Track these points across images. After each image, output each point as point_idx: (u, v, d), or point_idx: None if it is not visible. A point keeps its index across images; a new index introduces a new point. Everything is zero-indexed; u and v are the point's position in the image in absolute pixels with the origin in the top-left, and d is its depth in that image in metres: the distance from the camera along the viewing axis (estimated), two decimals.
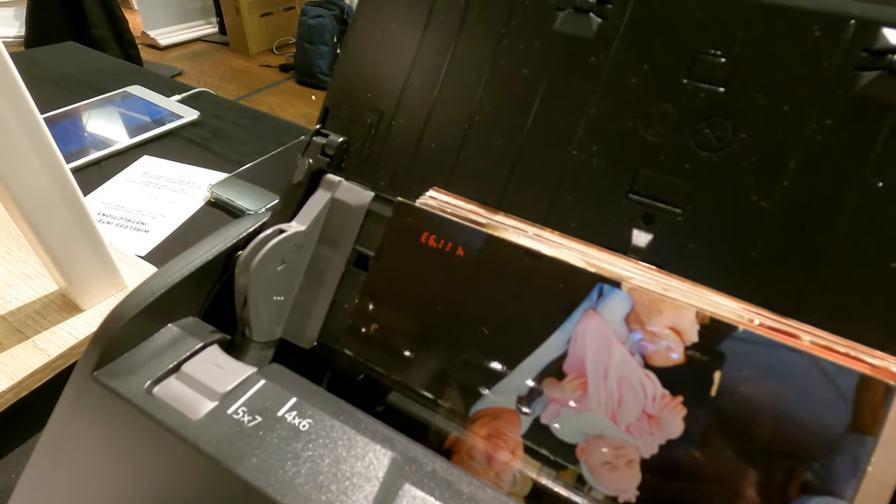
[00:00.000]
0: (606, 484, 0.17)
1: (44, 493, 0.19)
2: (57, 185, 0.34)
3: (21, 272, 0.41)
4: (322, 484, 0.16)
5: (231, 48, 3.46)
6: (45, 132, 0.32)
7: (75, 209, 0.35)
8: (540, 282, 0.19)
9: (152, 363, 0.19)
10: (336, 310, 0.23)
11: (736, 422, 0.16)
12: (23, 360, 0.34)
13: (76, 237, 0.36)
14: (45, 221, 0.34)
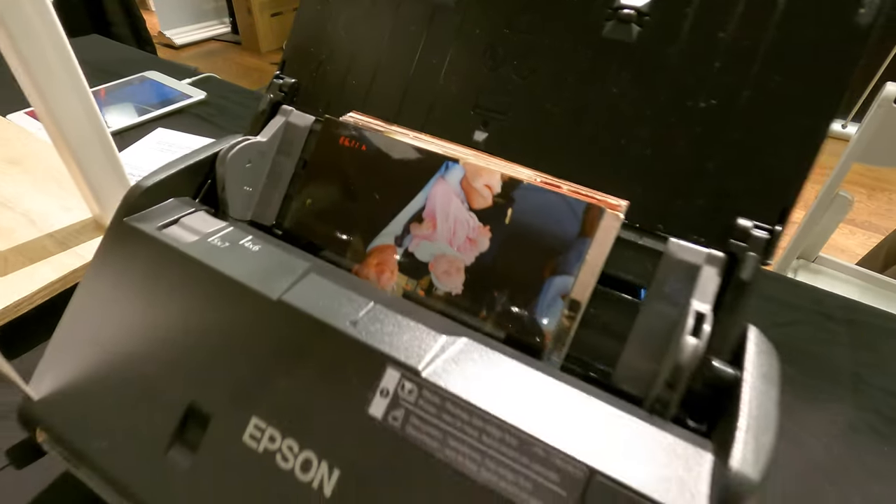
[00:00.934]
0: (445, 284, 0.27)
1: (83, 318, 0.29)
2: (97, 134, 0.45)
3: (62, 205, 0.52)
4: (261, 273, 0.26)
5: (243, 47, 3.59)
6: (87, 88, 0.43)
7: (108, 152, 0.46)
8: (411, 163, 0.29)
9: (160, 217, 0.29)
10: (287, 199, 0.33)
11: (517, 237, 0.26)
12: (66, 263, 0.45)
13: (108, 172, 0.47)
14: (87, 160, 0.45)
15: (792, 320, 0.54)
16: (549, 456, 0.20)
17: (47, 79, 0.40)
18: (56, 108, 0.41)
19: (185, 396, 0.25)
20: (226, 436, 0.24)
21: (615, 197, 0.26)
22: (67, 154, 0.44)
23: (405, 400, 0.22)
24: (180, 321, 0.26)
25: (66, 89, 0.42)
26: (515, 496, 0.19)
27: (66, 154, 0.44)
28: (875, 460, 0.41)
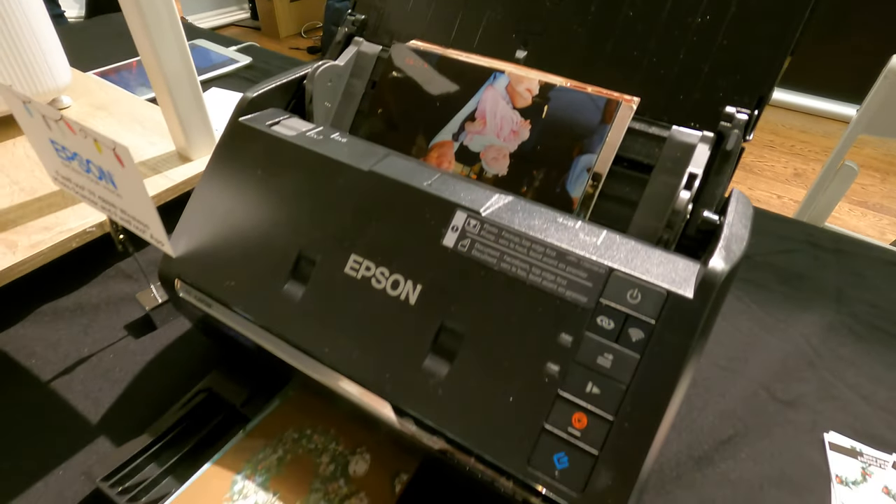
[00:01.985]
0: (493, 169, 0.35)
1: (208, 194, 0.37)
2: (189, 79, 0.53)
3: (147, 141, 0.60)
4: (351, 155, 0.33)
5: (262, 32, 3.66)
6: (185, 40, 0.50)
7: (196, 94, 0.54)
8: (465, 76, 0.36)
9: (265, 120, 0.37)
10: (359, 113, 0.41)
11: (552, 127, 0.33)
12: (160, 184, 0.53)
13: (195, 111, 0.55)
14: (179, 99, 0.53)
15: (786, 249, 0.60)
16: (579, 262, 0.27)
17: (158, 31, 0.48)
18: (162, 55, 0.49)
19: (296, 245, 0.33)
20: (330, 270, 0.32)
21: (630, 96, 0.33)
22: (165, 93, 0.52)
23: (470, 233, 0.29)
24: (289, 192, 0.34)
25: (170, 41, 0.49)
26: (554, 290, 0.27)
27: (163, 93, 0.52)
28: (849, 352, 0.48)
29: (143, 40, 0.49)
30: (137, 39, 0.49)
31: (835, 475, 0.39)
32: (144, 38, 0.48)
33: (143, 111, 0.65)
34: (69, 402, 0.40)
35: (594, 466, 0.25)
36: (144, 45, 0.49)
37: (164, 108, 0.54)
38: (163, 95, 0.52)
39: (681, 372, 0.25)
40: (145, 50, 0.49)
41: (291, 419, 0.37)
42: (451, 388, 0.28)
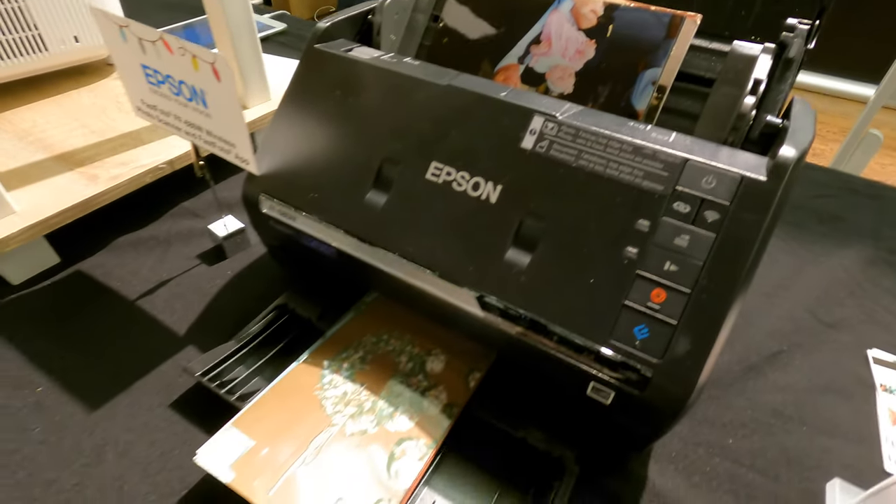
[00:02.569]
0: (559, 87, 0.37)
1: (288, 116, 0.39)
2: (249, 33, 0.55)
3: None
4: (427, 74, 0.35)
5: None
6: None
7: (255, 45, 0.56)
8: (530, 1, 0.38)
9: (338, 47, 0.39)
10: (421, 46, 0.43)
11: (616, 44, 0.35)
12: None
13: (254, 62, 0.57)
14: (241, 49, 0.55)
15: (825, 194, 0.62)
16: (655, 154, 0.29)
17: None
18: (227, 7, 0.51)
19: (378, 156, 0.35)
20: (412, 177, 0.34)
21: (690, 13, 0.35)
22: (228, 44, 0.54)
23: (548, 135, 0.31)
24: (369, 108, 0.36)
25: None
26: (631, 181, 0.29)
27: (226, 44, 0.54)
28: (888, 283, 0.50)
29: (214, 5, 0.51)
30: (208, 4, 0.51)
31: (879, 384, 0.41)
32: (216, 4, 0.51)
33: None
34: (156, 318, 0.43)
35: (673, 335, 0.27)
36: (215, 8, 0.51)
37: (223, 53, 0.56)
38: (225, 46, 0.54)
39: (754, 247, 0.27)
40: (215, 11, 0.51)
41: (367, 327, 0.39)
42: (533, 275, 0.30)
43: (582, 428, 0.34)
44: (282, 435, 0.32)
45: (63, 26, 0.57)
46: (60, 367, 0.39)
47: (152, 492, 0.32)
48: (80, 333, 0.42)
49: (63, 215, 0.44)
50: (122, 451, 0.34)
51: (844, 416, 0.39)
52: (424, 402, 0.34)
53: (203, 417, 0.36)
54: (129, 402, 0.37)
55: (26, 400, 0.37)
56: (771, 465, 0.35)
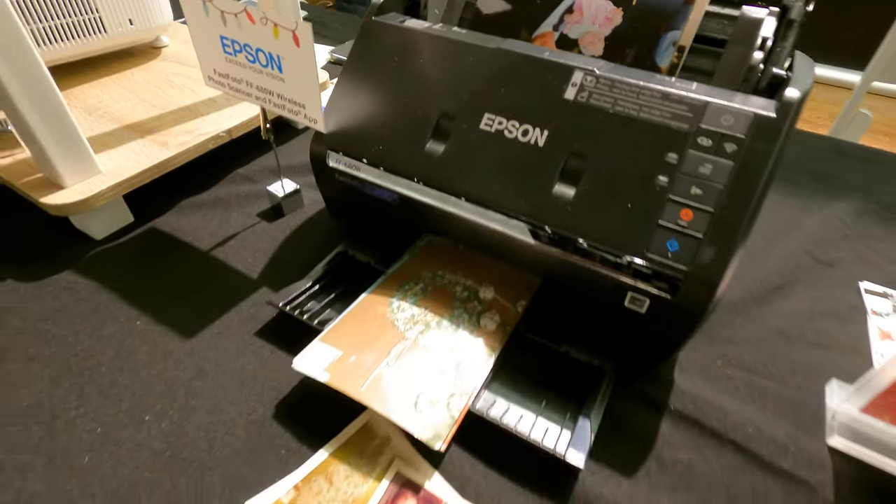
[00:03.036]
0: (590, 51, 0.42)
1: (352, 80, 0.44)
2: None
3: None
4: (476, 39, 0.40)
5: None
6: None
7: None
8: None
9: (394, 19, 0.44)
10: (461, 20, 0.48)
11: (641, 11, 0.41)
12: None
13: None
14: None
15: (819, 157, 0.68)
16: (681, 99, 0.34)
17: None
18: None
19: (436, 111, 0.40)
20: (467, 128, 0.39)
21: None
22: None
23: (587, 86, 0.37)
24: (425, 70, 0.41)
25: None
26: (661, 122, 0.34)
27: None
28: (877, 230, 0.56)
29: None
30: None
31: (870, 309, 0.46)
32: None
33: None
34: (229, 265, 0.48)
35: (699, 246, 0.33)
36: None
37: None
38: None
39: (766, 171, 0.32)
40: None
41: (422, 266, 0.45)
42: (577, 205, 0.36)
43: (617, 341, 0.40)
44: (364, 346, 0.37)
45: (120, 10, 0.61)
46: (153, 304, 0.44)
47: (251, 398, 0.37)
48: (164, 277, 0.47)
49: (141, 176, 0.49)
50: (220, 369, 0.39)
51: (840, 334, 0.44)
52: (482, 321, 0.40)
53: (286, 342, 0.41)
54: (218, 331, 0.42)
55: (130, 331, 0.42)
56: (779, 373, 0.41)
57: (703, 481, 0.34)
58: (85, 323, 0.42)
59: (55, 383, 0.38)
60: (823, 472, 0.35)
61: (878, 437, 0.36)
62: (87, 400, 0.37)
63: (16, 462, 0.33)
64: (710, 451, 0.36)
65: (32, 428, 0.35)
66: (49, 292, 0.45)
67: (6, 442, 0.34)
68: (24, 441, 0.35)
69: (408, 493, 0.33)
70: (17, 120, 0.43)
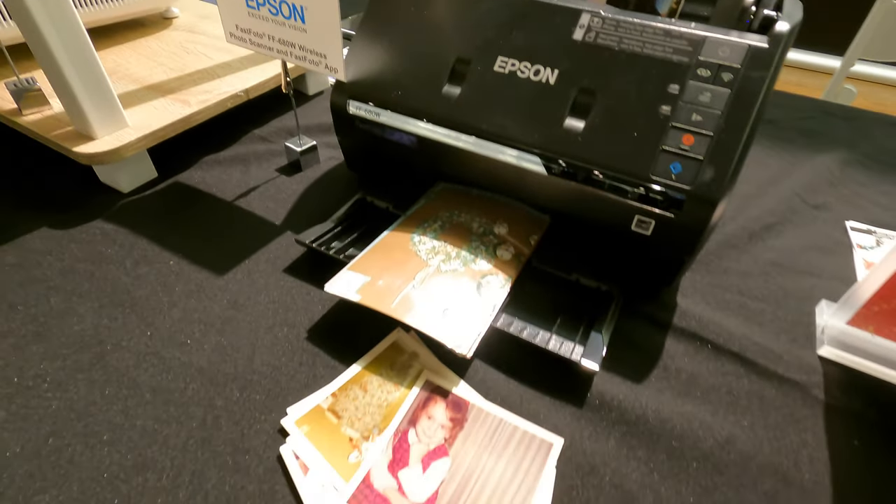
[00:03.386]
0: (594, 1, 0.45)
1: (369, 30, 0.47)
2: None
3: None
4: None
5: None
6: None
7: None
8: None
9: None
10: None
11: None
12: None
13: None
14: None
15: (804, 117, 0.71)
16: (681, 35, 0.37)
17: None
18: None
19: (451, 55, 0.43)
20: (482, 70, 0.42)
21: None
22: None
23: (594, 27, 0.39)
24: (440, 18, 0.44)
25: None
26: (664, 56, 0.37)
27: None
28: (861, 177, 0.59)
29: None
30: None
31: (856, 244, 0.50)
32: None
33: None
34: (254, 212, 0.51)
35: (700, 167, 0.36)
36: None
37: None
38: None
39: (760, 97, 0.35)
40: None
41: (439, 208, 0.47)
42: (588, 136, 0.39)
43: (625, 267, 0.43)
44: (391, 272, 0.40)
45: None
46: (184, 247, 0.46)
47: (285, 324, 0.40)
48: (192, 224, 0.49)
49: (166, 130, 0.51)
50: (253, 301, 0.42)
51: (828, 265, 0.48)
52: (498, 251, 0.43)
53: (313, 277, 0.44)
54: (248, 269, 0.45)
55: (164, 270, 0.44)
56: (773, 297, 0.44)
57: (704, 385, 0.37)
58: (121, 264, 0.45)
59: (99, 314, 0.40)
60: (815, 375, 0.38)
61: (861, 346, 0.39)
62: (130, 328, 0.39)
63: (72, 378, 0.36)
64: (711, 362, 0.39)
65: (83, 352, 0.38)
66: (84, 238, 0.47)
67: (61, 364, 0.37)
68: (78, 363, 0.37)
69: (437, 398, 0.35)
70: (55, 74, 0.45)
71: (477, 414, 0.34)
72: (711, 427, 0.34)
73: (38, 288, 0.42)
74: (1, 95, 0.53)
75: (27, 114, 0.51)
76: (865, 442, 0.34)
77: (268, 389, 0.36)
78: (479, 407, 0.35)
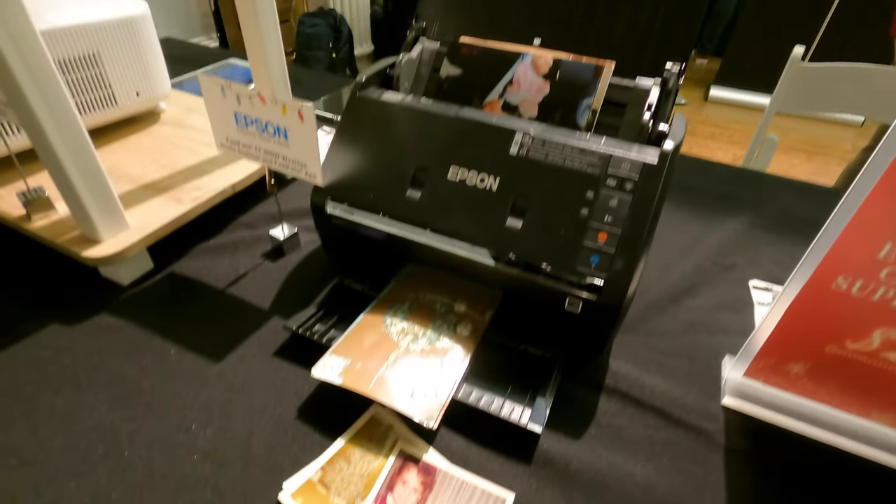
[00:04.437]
0: (528, 114, 0.55)
1: (342, 143, 0.55)
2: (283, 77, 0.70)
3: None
4: (439, 108, 0.52)
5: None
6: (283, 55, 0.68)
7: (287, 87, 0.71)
8: (504, 58, 0.56)
9: (373, 91, 0.56)
10: (427, 90, 0.60)
11: (563, 84, 0.54)
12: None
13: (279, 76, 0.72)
14: (277, 90, 0.70)
15: (721, 182, 0.83)
16: (593, 152, 0.47)
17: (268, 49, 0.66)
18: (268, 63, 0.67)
19: (413, 165, 0.51)
20: (438, 177, 0.50)
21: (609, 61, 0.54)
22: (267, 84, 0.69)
23: (525, 144, 0.49)
24: (402, 134, 0.53)
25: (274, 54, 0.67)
26: (581, 169, 0.47)
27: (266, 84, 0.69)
28: (766, 238, 0.70)
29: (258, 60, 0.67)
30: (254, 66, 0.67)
31: (756, 301, 0.60)
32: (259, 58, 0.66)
33: None
34: (243, 300, 0.57)
35: (613, 259, 0.45)
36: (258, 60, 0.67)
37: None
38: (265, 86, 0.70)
39: (654, 202, 0.45)
40: (258, 62, 0.67)
41: (407, 290, 0.55)
42: (525, 234, 0.47)
43: (564, 337, 0.51)
44: (367, 355, 0.47)
45: (129, 84, 0.71)
46: (182, 337, 0.52)
47: (278, 405, 0.46)
48: (188, 313, 0.55)
49: (164, 229, 0.58)
50: (248, 385, 0.48)
51: (734, 322, 0.57)
52: (458, 328, 0.50)
53: (300, 359, 0.50)
54: (242, 354, 0.51)
55: (166, 360, 0.50)
56: (687, 353, 0.53)
57: (630, 437, 0.45)
58: (126, 356, 0.50)
59: (109, 406, 0.46)
60: (718, 423, 0.46)
61: (754, 395, 0.48)
62: (139, 417, 0.45)
63: (88, 468, 0.41)
64: (637, 416, 0.47)
65: (97, 443, 0.43)
66: (90, 332, 0.52)
67: (77, 455, 0.42)
68: (92, 453, 0.42)
69: (410, 465, 0.42)
70: (64, 182, 0.52)
71: (443, 477, 0.41)
72: (635, 474, 0.42)
73: (52, 383, 0.47)
74: (9, 202, 0.59)
75: (36, 219, 0.57)
76: (758, 479, 0.42)
77: (265, 466, 0.42)
78: (444, 471, 0.42)
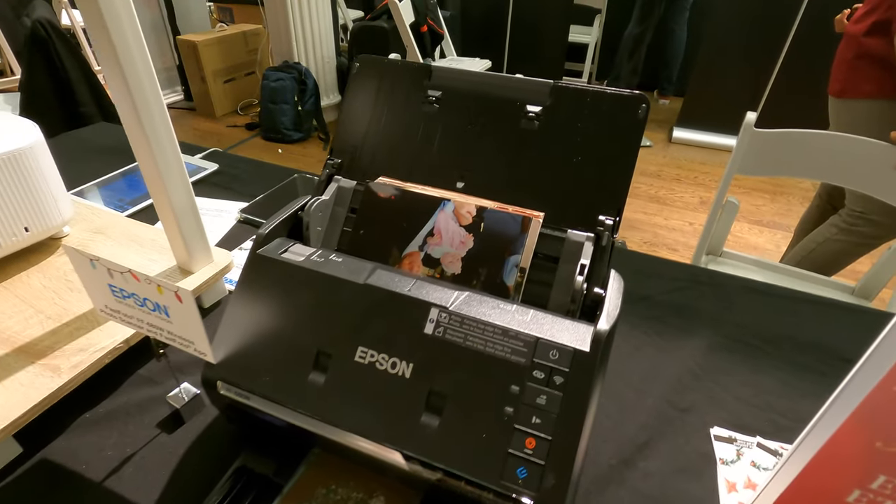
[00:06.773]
0: (451, 269, 0.49)
1: (238, 311, 0.48)
2: (190, 204, 0.64)
3: (148, 259, 0.70)
4: (348, 272, 0.46)
5: (198, 112, 3.75)
6: (185, 172, 0.62)
7: (197, 219, 0.65)
8: (423, 203, 0.50)
9: (276, 250, 0.49)
10: (343, 234, 0.54)
11: (488, 237, 0.48)
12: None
13: (196, 233, 0.66)
14: (185, 226, 0.64)
15: (676, 288, 0.78)
16: (517, 335, 0.41)
17: (166, 169, 0.59)
18: (172, 196, 0.60)
19: (315, 344, 0.44)
20: (343, 360, 0.44)
21: (538, 212, 0.49)
22: (173, 224, 0.62)
23: (442, 322, 0.42)
24: (304, 304, 0.46)
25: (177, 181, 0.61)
26: (504, 356, 0.40)
27: (171, 224, 0.63)
28: (724, 364, 0.65)
29: (156, 184, 0.60)
30: (151, 184, 0.60)
31: (719, 458, 0.54)
32: (158, 182, 0.59)
33: (137, 231, 0.75)
34: (125, 496, 0.48)
35: (543, 473, 0.38)
36: (157, 187, 0.60)
37: (171, 234, 0.64)
38: (170, 226, 0.63)
39: (588, 399, 0.39)
40: (158, 191, 0.60)
41: (317, 480, 0.47)
42: (442, 434, 0.40)
43: None
44: None
45: (16, 221, 0.63)
46: None
47: None
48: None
49: (30, 413, 0.49)
50: None
51: (695, 490, 0.51)
52: None
53: None
54: None
55: None
56: None
57: None
58: None
59: None
60: None
61: None
62: None
63: None
64: None
65: None
66: None
67: None
68: None
69: None
70: None
71: None
72: None
73: None
74: None
75: None
76: None
77: None
78: None
